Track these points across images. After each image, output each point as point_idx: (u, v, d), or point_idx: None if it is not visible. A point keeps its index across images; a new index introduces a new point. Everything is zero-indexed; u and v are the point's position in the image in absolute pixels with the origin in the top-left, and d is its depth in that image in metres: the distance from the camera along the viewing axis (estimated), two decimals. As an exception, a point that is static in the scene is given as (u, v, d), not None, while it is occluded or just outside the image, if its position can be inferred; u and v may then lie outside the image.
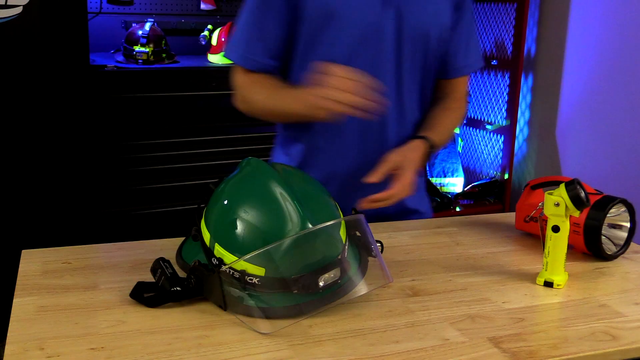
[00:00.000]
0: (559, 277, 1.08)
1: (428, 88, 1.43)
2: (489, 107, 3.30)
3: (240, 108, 1.42)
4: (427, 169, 1.60)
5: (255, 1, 1.33)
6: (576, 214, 1.07)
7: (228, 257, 0.94)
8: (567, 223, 1.07)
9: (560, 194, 1.06)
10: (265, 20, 1.33)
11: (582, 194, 1.05)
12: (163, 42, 2.82)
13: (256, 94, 1.36)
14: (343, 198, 1.26)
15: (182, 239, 1.17)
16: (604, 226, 1.16)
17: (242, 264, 0.92)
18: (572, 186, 1.05)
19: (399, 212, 1.43)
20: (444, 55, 1.41)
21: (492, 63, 3.19)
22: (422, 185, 1.53)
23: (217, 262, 0.95)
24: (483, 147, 3.34)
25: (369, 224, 1.03)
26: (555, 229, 1.07)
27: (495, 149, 3.24)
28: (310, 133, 1.39)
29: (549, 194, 1.08)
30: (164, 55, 2.81)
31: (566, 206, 1.05)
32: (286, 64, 1.38)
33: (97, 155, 2.53)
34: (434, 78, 1.43)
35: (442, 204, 3.08)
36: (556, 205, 1.06)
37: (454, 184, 3.29)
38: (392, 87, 1.35)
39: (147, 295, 0.96)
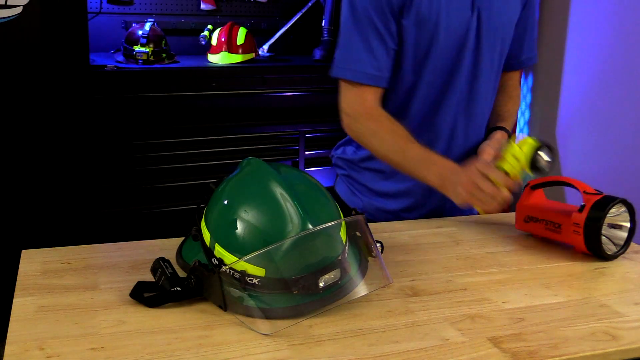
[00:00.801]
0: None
1: (496, 87, 1.49)
2: (489, 107, 3.29)
3: (348, 132, 1.42)
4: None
5: (356, 16, 1.32)
6: (531, 173, 1.12)
7: (228, 258, 0.94)
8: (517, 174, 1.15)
9: (521, 149, 1.09)
10: (369, 33, 1.32)
11: (541, 161, 1.08)
12: (163, 42, 2.82)
13: (380, 141, 1.35)
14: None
15: (182, 239, 1.17)
16: (604, 226, 1.16)
17: (243, 265, 0.92)
18: (537, 148, 1.10)
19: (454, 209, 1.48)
20: (512, 52, 1.47)
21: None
22: None
23: (217, 262, 0.95)
24: (483, 147, 3.34)
25: (369, 224, 1.04)
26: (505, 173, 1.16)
27: (495, 149, 3.24)
28: None
29: (517, 143, 1.11)
30: (164, 55, 2.81)
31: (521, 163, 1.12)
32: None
33: (97, 155, 2.53)
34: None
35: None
36: (513, 156, 1.14)
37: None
38: (464, 91, 1.39)
39: (147, 295, 0.96)
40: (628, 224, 1.21)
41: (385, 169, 1.45)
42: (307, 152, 2.95)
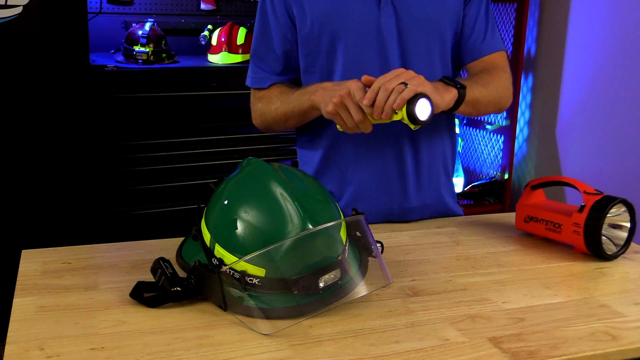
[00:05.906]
0: None
1: None
2: (489, 107, 3.29)
3: (259, 126, 1.46)
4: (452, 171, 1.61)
5: (258, 25, 1.39)
6: (411, 126, 1.14)
7: (228, 258, 0.94)
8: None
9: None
10: (269, 40, 1.37)
11: (419, 115, 1.11)
12: (163, 42, 2.82)
13: (272, 104, 1.38)
14: (356, 203, 1.36)
15: (182, 239, 1.17)
16: (604, 226, 1.16)
17: (243, 265, 0.92)
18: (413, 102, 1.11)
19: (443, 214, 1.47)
20: (467, 38, 1.37)
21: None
22: (452, 189, 1.54)
23: (218, 263, 0.95)
24: (483, 147, 3.34)
25: (369, 224, 1.04)
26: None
27: (495, 149, 3.24)
28: (329, 137, 1.39)
29: None
30: (164, 55, 2.81)
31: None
32: (299, 74, 1.41)
33: (97, 155, 2.53)
34: (459, 70, 1.42)
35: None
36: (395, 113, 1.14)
37: (454, 184, 3.28)
38: None
39: (147, 295, 0.96)
40: (628, 224, 1.21)
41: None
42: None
